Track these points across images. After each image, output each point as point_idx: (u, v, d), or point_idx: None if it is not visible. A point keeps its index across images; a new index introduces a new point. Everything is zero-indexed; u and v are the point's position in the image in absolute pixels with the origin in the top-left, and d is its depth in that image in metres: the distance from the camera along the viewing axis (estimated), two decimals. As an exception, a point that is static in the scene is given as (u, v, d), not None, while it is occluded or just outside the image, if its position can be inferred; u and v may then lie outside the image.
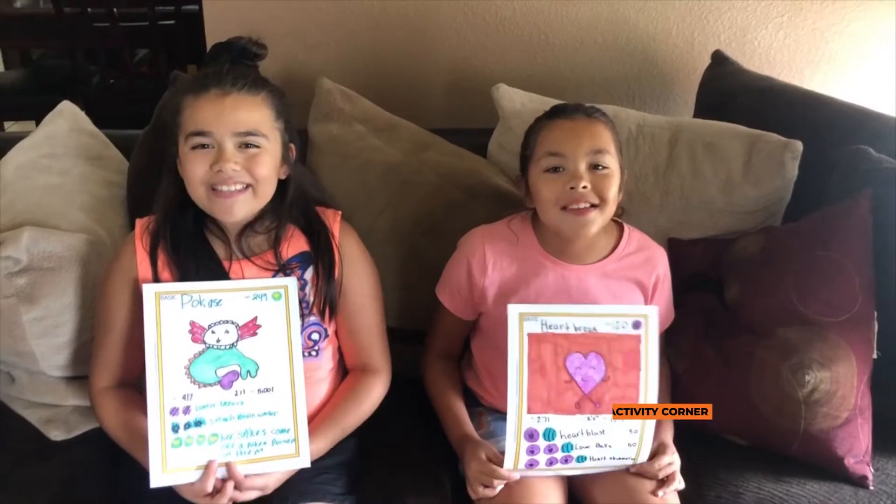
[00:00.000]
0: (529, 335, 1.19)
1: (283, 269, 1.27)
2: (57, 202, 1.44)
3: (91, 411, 1.35)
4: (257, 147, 1.18)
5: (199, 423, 1.16)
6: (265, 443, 1.18)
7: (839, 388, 1.31)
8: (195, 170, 1.17)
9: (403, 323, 1.55)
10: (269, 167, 1.20)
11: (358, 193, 1.57)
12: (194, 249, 1.25)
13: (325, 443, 1.26)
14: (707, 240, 1.57)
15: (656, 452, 1.25)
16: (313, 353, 1.30)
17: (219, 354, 1.19)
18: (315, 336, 1.30)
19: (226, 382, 1.18)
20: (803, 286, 1.36)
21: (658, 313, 1.25)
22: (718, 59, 1.88)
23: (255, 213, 1.24)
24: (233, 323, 1.20)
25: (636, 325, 1.21)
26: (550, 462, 1.21)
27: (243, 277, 1.26)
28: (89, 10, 2.89)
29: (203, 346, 1.18)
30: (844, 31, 1.96)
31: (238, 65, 1.25)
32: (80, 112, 1.73)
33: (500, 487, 1.21)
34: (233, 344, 1.19)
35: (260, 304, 1.21)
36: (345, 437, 1.30)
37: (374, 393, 1.34)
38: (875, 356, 1.35)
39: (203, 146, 1.17)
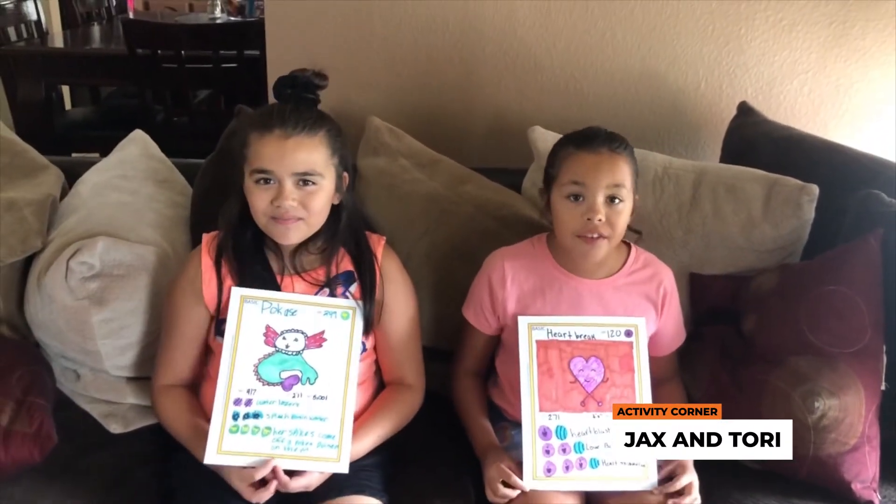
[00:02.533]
0: (537, 342, 1.36)
1: (327, 285, 1.38)
2: (127, 217, 1.57)
3: (148, 408, 1.47)
4: (314, 184, 1.30)
5: (256, 416, 1.27)
6: (311, 444, 1.27)
7: (847, 415, 1.37)
8: (258, 203, 1.30)
9: (437, 342, 1.64)
10: (322, 202, 1.33)
11: (400, 221, 1.68)
12: (253, 262, 1.38)
13: (363, 447, 1.35)
14: (727, 276, 1.64)
15: (675, 472, 1.32)
16: None
17: (285, 359, 1.31)
18: None
19: (287, 384, 1.30)
20: (815, 318, 1.43)
21: (645, 324, 1.39)
22: (744, 110, 1.97)
23: (307, 237, 1.36)
24: (303, 333, 1.32)
25: (628, 334, 1.37)
26: (567, 466, 1.30)
27: (293, 291, 1.37)
28: (159, 52, 3.10)
29: (273, 349, 1.31)
30: (866, 88, 2.05)
31: (301, 99, 1.34)
32: (150, 140, 1.88)
33: (513, 493, 1.29)
34: (299, 351, 1.32)
35: (329, 321, 1.34)
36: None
37: (408, 406, 1.44)
38: (883, 388, 1.41)
39: (266, 181, 1.29)
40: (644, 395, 1.35)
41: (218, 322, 1.37)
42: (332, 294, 1.38)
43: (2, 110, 3.43)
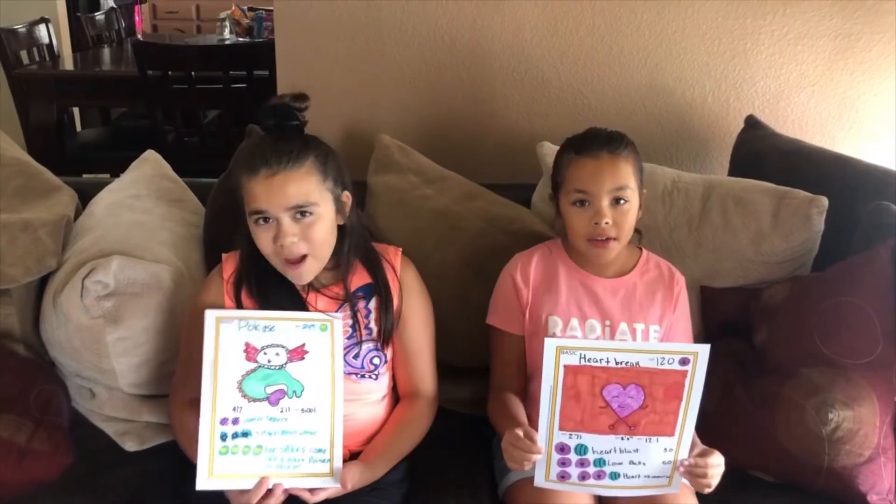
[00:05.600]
0: (566, 366, 1.20)
1: (348, 300, 1.39)
2: (141, 236, 1.59)
3: (164, 426, 1.49)
4: (311, 214, 1.29)
5: (245, 434, 1.25)
6: (303, 459, 1.26)
7: (862, 426, 1.36)
8: (264, 245, 1.31)
9: (448, 358, 1.63)
10: (324, 231, 1.32)
11: (410, 236, 1.69)
12: (274, 282, 1.37)
13: (384, 467, 1.35)
14: (738, 288, 1.65)
15: (703, 453, 1.25)
16: (373, 376, 1.41)
17: (269, 373, 1.29)
18: (376, 361, 1.41)
19: (273, 399, 1.28)
20: (827, 330, 1.44)
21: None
22: (751, 123, 1.98)
23: (321, 268, 1.36)
24: (283, 347, 1.31)
25: (683, 362, 1.20)
26: (583, 476, 1.25)
27: (315, 307, 1.37)
28: (170, 73, 3.13)
29: (255, 364, 1.29)
30: (873, 99, 2.06)
31: (284, 127, 1.31)
32: (163, 160, 1.90)
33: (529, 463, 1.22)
34: (282, 365, 1.30)
35: (308, 333, 1.32)
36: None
37: (426, 420, 1.45)
38: (898, 399, 1.41)
39: (264, 220, 1.29)
40: (688, 424, 1.22)
41: None
42: (354, 309, 1.38)
43: (15, 132, 3.46)
